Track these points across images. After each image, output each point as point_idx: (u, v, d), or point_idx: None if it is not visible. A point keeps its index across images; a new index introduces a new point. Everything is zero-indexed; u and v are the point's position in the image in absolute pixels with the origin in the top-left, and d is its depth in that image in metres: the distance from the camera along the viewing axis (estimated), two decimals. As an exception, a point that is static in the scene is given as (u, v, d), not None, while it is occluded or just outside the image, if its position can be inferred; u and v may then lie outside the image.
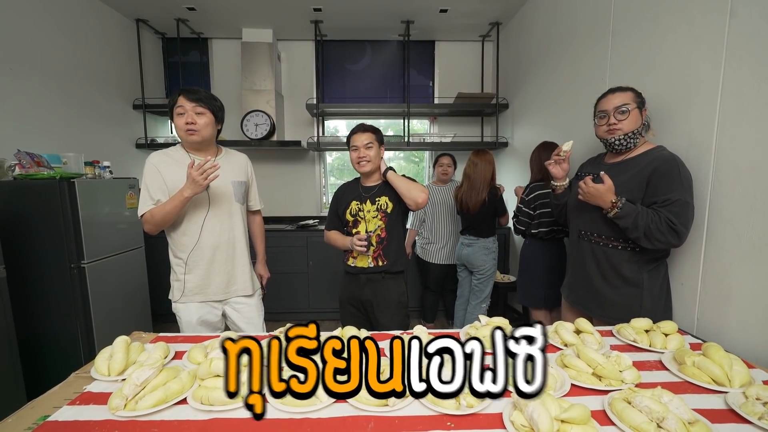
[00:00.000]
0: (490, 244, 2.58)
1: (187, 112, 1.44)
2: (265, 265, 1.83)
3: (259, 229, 1.82)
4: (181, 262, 1.52)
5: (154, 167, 1.46)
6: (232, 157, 1.63)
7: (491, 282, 2.62)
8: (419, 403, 0.87)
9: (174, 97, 1.47)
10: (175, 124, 1.48)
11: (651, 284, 1.34)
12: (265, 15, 3.25)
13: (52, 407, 0.89)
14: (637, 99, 1.35)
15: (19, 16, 2.30)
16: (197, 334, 1.45)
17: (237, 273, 1.59)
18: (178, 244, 1.51)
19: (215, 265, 1.53)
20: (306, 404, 0.85)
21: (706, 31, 1.32)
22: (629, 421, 0.76)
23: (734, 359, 0.98)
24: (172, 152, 1.52)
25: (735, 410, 0.83)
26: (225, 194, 1.54)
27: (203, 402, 0.87)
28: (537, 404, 0.75)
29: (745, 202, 1.17)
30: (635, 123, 1.33)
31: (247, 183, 1.67)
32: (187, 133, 1.45)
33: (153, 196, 1.44)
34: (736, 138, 1.21)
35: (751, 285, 1.16)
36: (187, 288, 1.52)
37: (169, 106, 1.50)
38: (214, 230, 1.51)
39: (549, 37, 2.59)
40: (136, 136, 3.43)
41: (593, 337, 1.15)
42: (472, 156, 2.54)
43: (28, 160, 2.05)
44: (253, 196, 1.73)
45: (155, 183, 1.45)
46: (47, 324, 2.01)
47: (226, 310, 1.61)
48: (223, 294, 1.56)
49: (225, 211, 1.54)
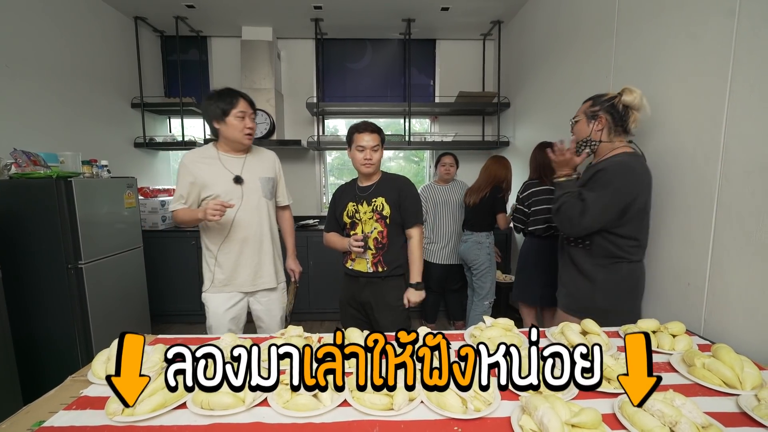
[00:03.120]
0: (483, 239, 2.59)
1: (246, 116, 1.55)
2: (296, 259, 1.88)
3: (289, 224, 1.87)
4: (211, 254, 1.62)
5: (186, 169, 1.56)
6: (260, 154, 1.71)
7: (489, 277, 2.60)
8: (425, 407, 0.85)
9: (232, 99, 1.53)
10: (228, 124, 1.54)
11: (605, 281, 1.42)
12: (265, 13, 3.23)
13: (48, 412, 0.87)
14: (590, 109, 1.45)
15: (15, 13, 2.27)
16: (223, 324, 1.62)
17: (264, 266, 1.66)
18: (210, 236, 1.61)
19: (243, 258, 1.61)
20: (310, 408, 0.83)
21: (714, 30, 1.30)
22: (641, 425, 0.74)
23: (745, 361, 0.96)
24: (205, 151, 1.62)
25: (748, 413, 0.81)
26: (254, 190, 1.63)
27: (203, 406, 0.84)
28: (547, 408, 0.73)
29: (754, 201, 1.15)
30: (583, 132, 1.47)
31: (275, 179, 1.74)
32: (247, 137, 1.57)
33: (183, 195, 1.57)
34: (744, 137, 1.19)
35: (761, 285, 1.14)
36: (216, 278, 1.61)
37: (218, 106, 1.53)
38: (243, 224, 1.60)
39: (551, 36, 2.57)
40: (134, 135, 3.40)
41: (600, 338, 1.13)
42: (491, 158, 2.72)
43: (25, 159, 2.02)
44: (281, 192, 1.80)
45: (186, 184, 1.56)
46: (44, 325, 1.98)
47: (250, 301, 1.69)
48: (250, 286, 1.64)
49: (253, 206, 1.62)
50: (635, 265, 1.44)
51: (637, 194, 1.35)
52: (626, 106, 1.40)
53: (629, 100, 1.38)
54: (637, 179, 1.36)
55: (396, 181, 1.66)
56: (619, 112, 1.41)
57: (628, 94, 1.39)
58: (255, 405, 0.86)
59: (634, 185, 1.35)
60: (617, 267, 1.42)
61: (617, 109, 1.41)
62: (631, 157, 1.39)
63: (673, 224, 1.47)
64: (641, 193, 1.37)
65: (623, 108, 1.40)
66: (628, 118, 1.41)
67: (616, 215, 1.35)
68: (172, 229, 3.26)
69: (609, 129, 1.43)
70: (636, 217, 1.38)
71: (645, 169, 1.40)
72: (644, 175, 1.39)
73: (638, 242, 1.42)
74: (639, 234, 1.41)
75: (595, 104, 1.45)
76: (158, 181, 3.73)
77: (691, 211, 1.39)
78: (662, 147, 1.52)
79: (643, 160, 1.45)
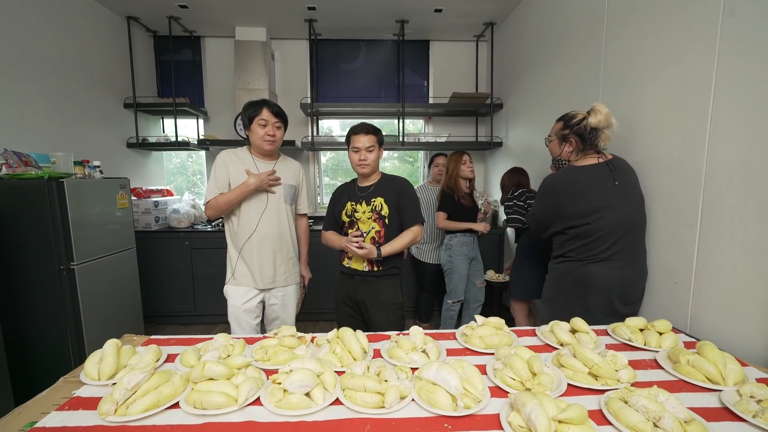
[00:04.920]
0: (447, 241, 2.63)
1: (269, 124, 1.67)
2: (307, 266, 1.99)
3: (304, 233, 1.97)
4: (235, 251, 1.74)
5: (223, 162, 1.70)
6: (286, 163, 1.85)
7: (452, 277, 2.62)
8: (416, 404, 0.86)
9: (257, 108, 1.66)
10: (252, 131, 1.68)
11: (552, 274, 1.59)
12: (258, 13, 3.22)
13: (40, 413, 0.87)
14: (561, 132, 1.57)
15: (6, 12, 2.24)
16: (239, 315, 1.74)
17: (280, 265, 1.78)
18: (235, 234, 1.74)
19: (263, 256, 1.73)
20: (302, 407, 0.84)
21: (700, 31, 1.33)
22: (626, 420, 0.76)
23: (728, 357, 0.99)
24: (240, 153, 1.75)
25: (729, 408, 0.84)
26: (277, 194, 1.77)
27: (196, 406, 0.85)
28: (534, 404, 0.75)
29: (739, 201, 1.18)
30: (555, 152, 1.63)
31: (297, 187, 1.87)
32: (267, 142, 1.68)
33: (219, 186, 1.69)
34: (729, 137, 1.22)
35: (745, 284, 1.17)
36: (237, 273, 1.74)
37: (246, 115, 1.68)
38: (265, 225, 1.73)
39: (543, 37, 2.60)
40: (127, 136, 3.37)
41: (589, 336, 1.15)
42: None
43: (16, 160, 2.00)
44: (302, 200, 1.92)
45: (222, 176, 1.69)
46: (35, 326, 1.96)
47: (267, 297, 1.80)
48: (268, 283, 1.76)
49: (275, 209, 1.76)
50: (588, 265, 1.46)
51: (557, 203, 1.50)
52: (593, 129, 1.47)
53: (595, 123, 1.46)
54: (556, 192, 1.51)
55: (395, 182, 1.68)
56: (587, 133, 1.49)
57: (594, 115, 1.46)
58: (248, 404, 0.87)
59: (552, 197, 1.52)
60: (561, 264, 1.56)
61: (586, 130, 1.48)
62: (568, 171, 1.52)
63: (660, 225, 1.50)
64: (562, 201, 1.48)
65: (591, 130, 1.47)
66: (597, 137, 1.49)
67: (550, 221, 1.55)
68: (165, 229, 3.25)
69: (577, 150, 1.54)
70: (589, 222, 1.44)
71: (573, 181, 1.48)
72: (568, 186, 1.48)
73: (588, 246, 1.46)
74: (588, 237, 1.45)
75: (564, 127, 1.55)
76: (151, 182, 3.71)
77: (677, 212, 1.42)
78: (649, 149, 1.55)
79: (604, 167, 1.47)
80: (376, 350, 1.14)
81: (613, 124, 1.48)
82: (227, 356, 1.06)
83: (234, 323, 1.76)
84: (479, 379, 0.90)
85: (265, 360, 1.07)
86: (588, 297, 1.46)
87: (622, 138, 1.66)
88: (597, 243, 1.44)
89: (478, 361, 1.06)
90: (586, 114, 1.49)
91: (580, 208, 1.45)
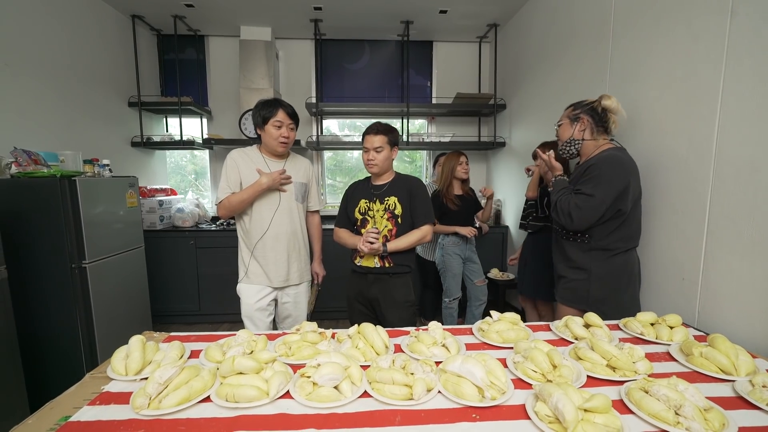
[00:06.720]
0: (440, 240, 2.67)
1: (284, 126, 1.67)
2: (321, 263, 1.98)
3: (317, 230, 1.96)
4: (247, 250, 1.75)
5: (234, 162, 1.70)
6: (296, 160, 1.84)
7: (446, 276, 2.66)
8: (442, 396, 0.89)
9: (271, 109, 1.66)
10: (266, 131, 1.68)
11: (599, 272, 1.48)
12: (264, 13, 3.23)
13: (72, 408, 0.88)
14: (571, 113, 1.56)
15: (14, 11, 2.24)
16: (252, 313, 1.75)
17: (293, 264, 1.79)
18: (247, 233, 1.75)
19: (275, 254, 1.74)
20: (332, 400, 0.86)
21: (707, 32, 1.36)
22: (648, 409, 0.79)
23: (739, 349, 1.02)
24: (250, 152, 1.75)
25: (744, 397, 0.87)
26: (289, 192, 1.77)
27: (228, 399, 0.87)
28: (561, 395, 0.78)
29: (746, 200, 1.22)
30: (567, 134, 1.58)
31: (307, 185, 1.86)
32: (281, 144, 1.69)
33: (231, 186, 1.69)
34: (736, 138, 1.26)
35: (752, 280, 1.21)
36: (249, 271, 1.75)
37: (260, 114, 1.67)
38: (278, 224, 1.73)
39: (547, 38, 2.64)
40: (131, 134, 3.37)
41: (603, 330, 1.19)
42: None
43: (25, 158, 2.00)
44: (312, 197, 1.91)
45: (233, 176, 1.69)
46: (48, 324, 1.96)
47: (280, 295, 1.81)
48: (281, 282, 1.77)
49: (287, 207, 1.76)
50: (628, 254, 1.50)
51: (629, 181, 1.41)
52: (605, 110, 1.50)
53: (608, 104, 1.49)
54: (626, 167, 1.44)
55: (408, 181, 1.71)
56: (599, 114, 1.51)
57: (606, 99, 1.50)
58: (278, 397, 0.89)
59: (624, 173, 1.42)
60: (610, 258, 1.47)
61: (597, 111, 1.51)
62: (616, 150, 1.49)
63: (668, 222, 1.54)
64: (632, 179, 1.43)
65: (602, 111, 1.51)
66: (608, 120, 1.51)
67: (612, 205, 1.40)
68: (170, 229, 3.25)
69: (591, 129, 1.53)
70: (633, 206, 1.45)
71: (630, 159, 1.48)
72: (631, 163, 1.47)
73: (630, 232, 1.49)
74: (633, 223, 1.48)
75: (576, 108, 1.56)
76: (155, 181, 3.71)
77: (685, 210, 1.45)
78: (657, 147, 1.59)
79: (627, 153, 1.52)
80: (396, 345, 1.17)
81: (621, 111, 1.51)
82: (251, 351, 1.08)
83: (248, 321, 1.77)
84: (502, 371, 0.92)
85: (290, 355, 1.09)
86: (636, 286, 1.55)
87: (630, 137, 1.69)
88: (638, 230, 1.52)
89: (496, 355, 1.08)
90: (597, 99, 1.53)
91: (637, 190, 1.48)
